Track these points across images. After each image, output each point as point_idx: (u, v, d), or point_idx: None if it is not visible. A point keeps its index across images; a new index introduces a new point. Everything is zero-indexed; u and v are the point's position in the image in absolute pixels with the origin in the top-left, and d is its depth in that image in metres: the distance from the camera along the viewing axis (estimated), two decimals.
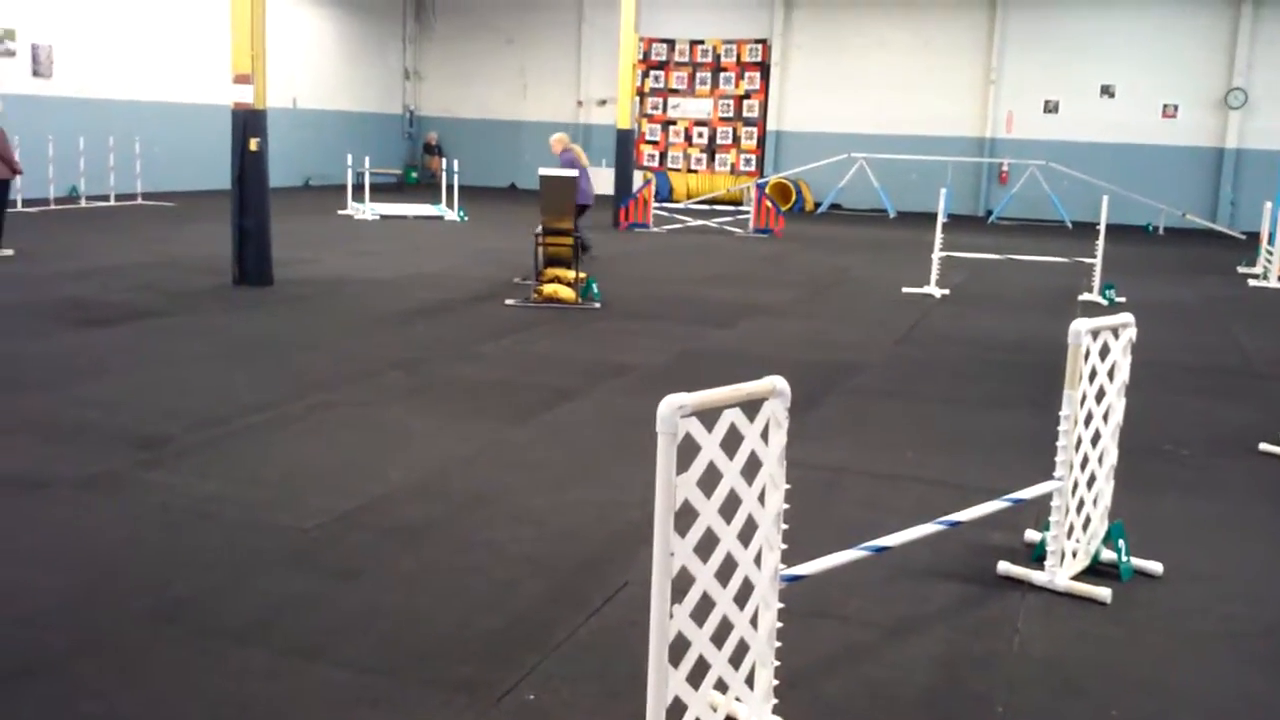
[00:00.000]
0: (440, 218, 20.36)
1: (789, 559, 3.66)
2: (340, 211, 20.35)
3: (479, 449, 6.22)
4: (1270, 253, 15.31)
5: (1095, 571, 4.67)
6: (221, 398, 7.12)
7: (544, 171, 11.37)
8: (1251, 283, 15.23)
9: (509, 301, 11.18)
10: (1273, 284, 14.92)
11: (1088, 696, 3.64)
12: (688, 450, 2.86)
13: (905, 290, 13.10)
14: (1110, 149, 24.63)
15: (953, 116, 26.07)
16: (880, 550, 3.94)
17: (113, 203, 19.90)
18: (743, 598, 3.18)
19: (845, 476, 5.97)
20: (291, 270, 12.56)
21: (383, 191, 23.89)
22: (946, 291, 13.00)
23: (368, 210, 20.12)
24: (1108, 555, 4.72)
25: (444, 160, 22.44)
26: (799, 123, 27.49)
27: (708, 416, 2.88)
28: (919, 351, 9.69)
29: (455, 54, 30.41)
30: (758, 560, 3.23)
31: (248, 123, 11.67)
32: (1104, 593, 4.40)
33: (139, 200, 20.38)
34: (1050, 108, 25.53)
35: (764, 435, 3.21)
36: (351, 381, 7.72)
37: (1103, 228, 13.12)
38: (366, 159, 21.26)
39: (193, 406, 6.86)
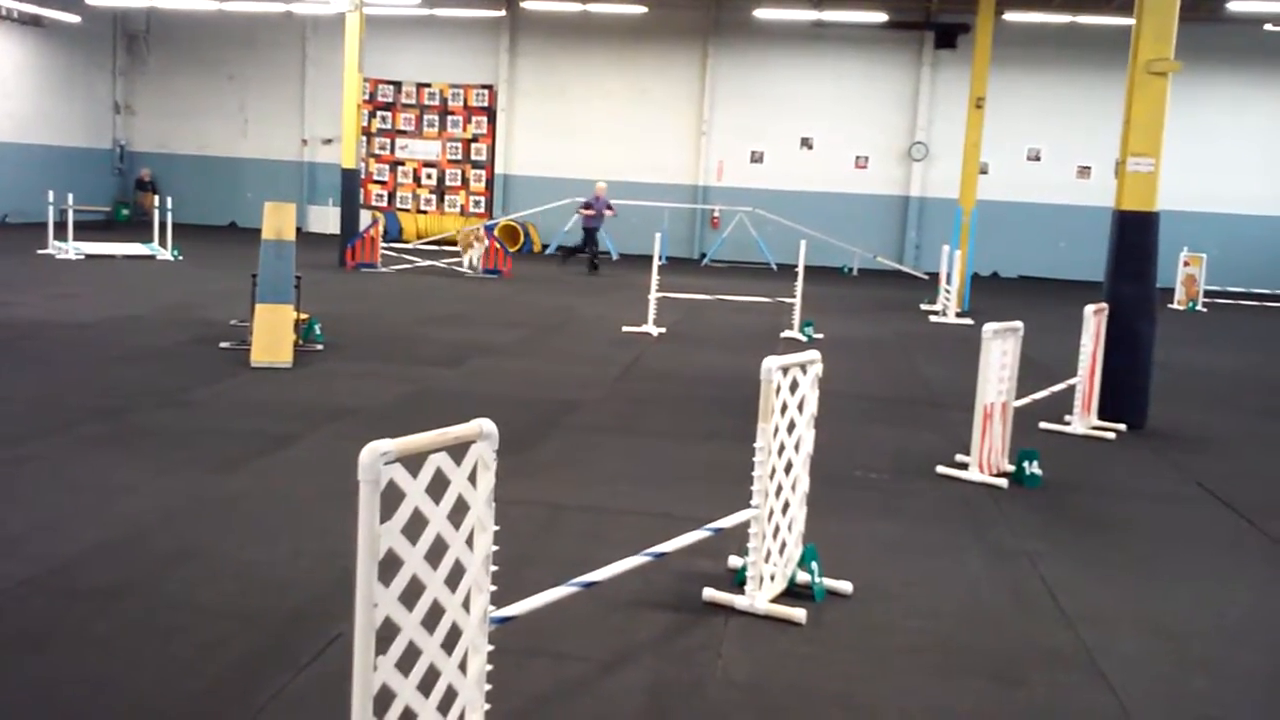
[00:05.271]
0: (152, 257, 19.22)
1: (504, 599, 3.74)
2: (40, 251, 18.84)
3: (185, 501, 5.93)
4: (948, 291, 16.93)
5: (792, 594, 5.00)
6: None
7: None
8: (932, 319, 16.80)
9: (224, 344, 10.70)
10: (950, 320, 16.50)
11: (787, 716, 3.89)
12: (396, 496, 2.89)
13: (625, 329, 13.55)
14: (810, 197, 26.51)
15: (669, 164, 27.30)
16: (589, 585, 4.08)
17: None
18: (451, 643, 3.21)
19: (564, 512, 6.11)
20: None
21: (90, 230, 22.28)
22: (663, 330, 13.55)
23: (71, 249, 18.73)
24: (803, 577, 5.07)
25: (157, 197, 21.18)
26: (526, 167, 27.92)
27: (413, 462, 2.91)
28: (637, 388, 10.04)
29: (171, 88, 28.92)
30: (466, 604, 3.28)
31: None
32: (799, 614, 4.72)
33: None
34: (756, 158, 27.21)
35: (472, 478, 3.26)
36: (44, 434, 7.15)
37: (801, 270, 14.10)
38: (70, 195, 19.82)
39: None
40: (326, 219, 27.30)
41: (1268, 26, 23.77)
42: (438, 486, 3.07)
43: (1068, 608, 5.08)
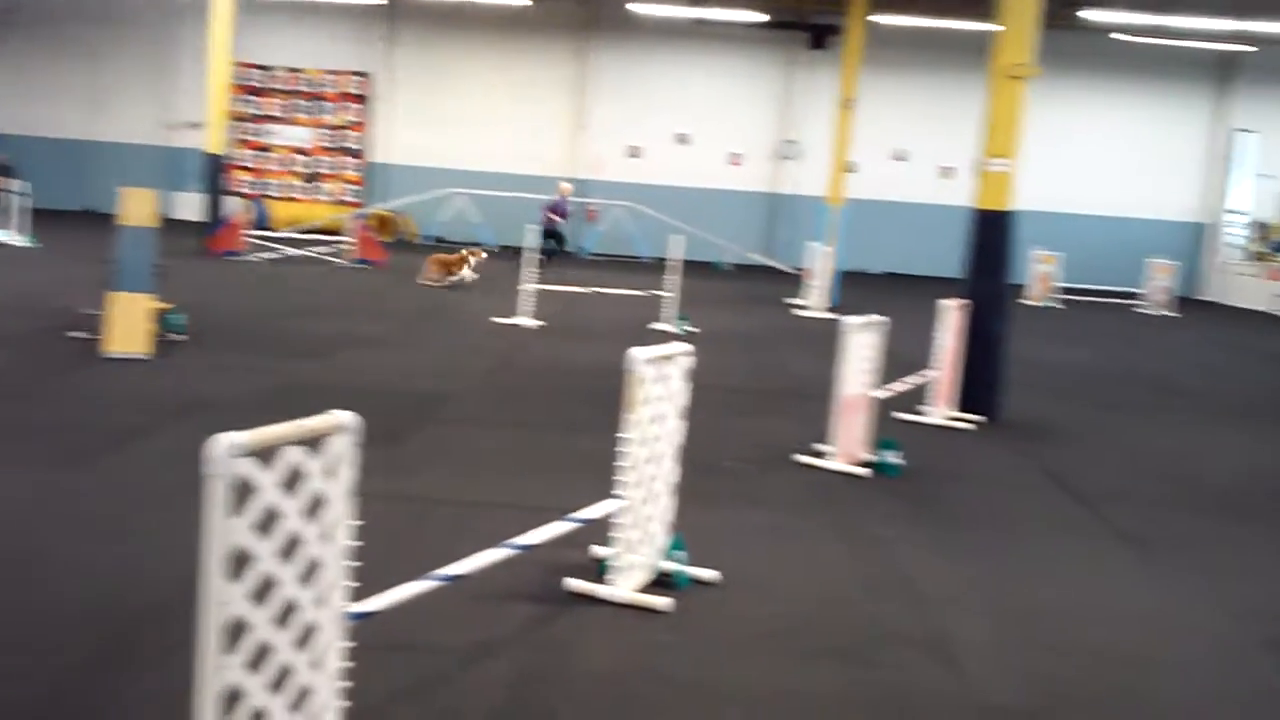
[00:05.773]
0: (3, 244, 18.29)
1: (366, 595, 3.69)
2: None
3: (26, 499, 5.67)
4: (817, 287, 17.35)
5: (658, 583, 5.05)
6: None
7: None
8: (802, 313, 17.19)
9: (74, 334, 10.25)
10: (818, 314, 16.90)
11: (644, 704, 3.94)
12: (250, 492, 2.82)
13: (500, 321, 13.47)
14: (686, 192, 26.76)
15: (549, 157, 27.21)
16: (452, 579, 4.06)
17: None
18: (306, 641, 3.16)
19: (434, 506, 6.06)
20: None
21: None
22: (540, 323, 13.51)
23: None
24: (670, 566, 5.14)
25: (10, 181, 20.14)
26: (402, 156, 27.49)
27: (267, 455, 2.86)
28: (511, 380, 10.00)
29: (28, 67, 27.46)
30: (324, 601, 3.23)
31: None
32: (663, 602, 4.78)
33: None
34: (634, 153, 27.35)
35: (330, 472, 3.21)
36: None
37: (675, 264, 14.24)
38: None
39: None
40: (191, 206, 26.38)
41: (1114, 35, 24.92)
42: (296, 481, 3.01)
43: (921, 591, 5.27)
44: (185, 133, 27.57)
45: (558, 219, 21.21)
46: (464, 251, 17.59)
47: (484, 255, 17.85)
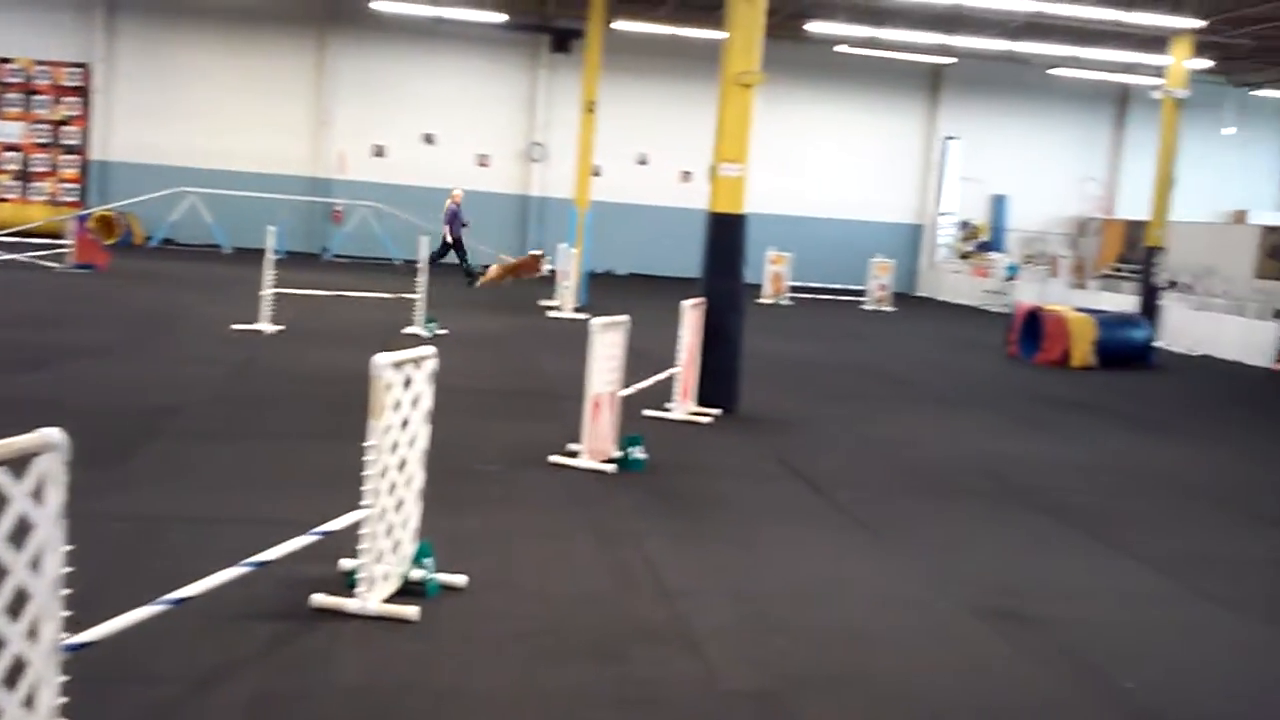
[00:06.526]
0: None
1: (86, 624, 3.47)
2: None
3: None
4: (566, 288, 17.56)
5: (407, 592, 4.99)
6: None
7: None
8: (551, 314, 17.38)
9: None
10: (567, 315, 17.12)
11: (392, 716, 3.89)
12: None
13: (237, 327, 12.86)
14: (433, 193, 26.29)
15: (288, 155, 26.19)
16: (181, 601, 3.87)
17: None
18: (17, 678, 2.95)
19: (162, 525, 5.73)
20: None
21: None
22: (281, 328, 13.00)
23: None
24: (418, 574, 5.08)
25: None
26: (127, 153, 25.77)
27: None
28: (248, 389, 9.59)
29: None
30: (34, 634, 3.02)
31: None
32: (412, 611, 4.73)
33: None
34: (379, 152, 26.73)
35: (37, 495, 3.00)
36: None
37: (424, 265, 14.05)
38: None
39: None
40: None
41: (838, 48, 26.51)
42: None
43: (666, 583, 5.45)
44: None
45: (451, 229, 20.29)
46: (531, 254, 20.42)
47: (545, 257, 20.23)
